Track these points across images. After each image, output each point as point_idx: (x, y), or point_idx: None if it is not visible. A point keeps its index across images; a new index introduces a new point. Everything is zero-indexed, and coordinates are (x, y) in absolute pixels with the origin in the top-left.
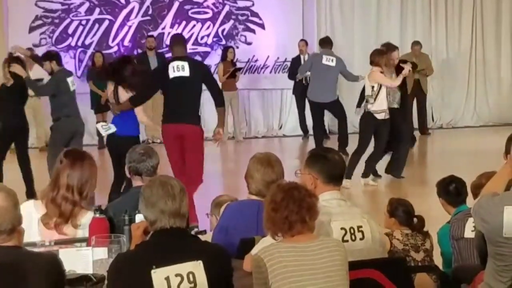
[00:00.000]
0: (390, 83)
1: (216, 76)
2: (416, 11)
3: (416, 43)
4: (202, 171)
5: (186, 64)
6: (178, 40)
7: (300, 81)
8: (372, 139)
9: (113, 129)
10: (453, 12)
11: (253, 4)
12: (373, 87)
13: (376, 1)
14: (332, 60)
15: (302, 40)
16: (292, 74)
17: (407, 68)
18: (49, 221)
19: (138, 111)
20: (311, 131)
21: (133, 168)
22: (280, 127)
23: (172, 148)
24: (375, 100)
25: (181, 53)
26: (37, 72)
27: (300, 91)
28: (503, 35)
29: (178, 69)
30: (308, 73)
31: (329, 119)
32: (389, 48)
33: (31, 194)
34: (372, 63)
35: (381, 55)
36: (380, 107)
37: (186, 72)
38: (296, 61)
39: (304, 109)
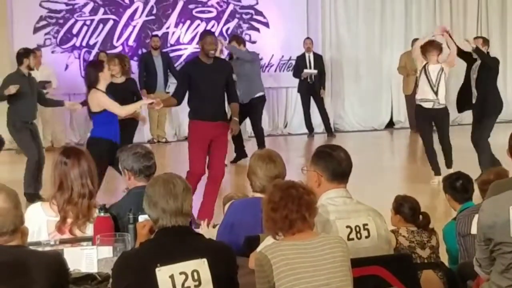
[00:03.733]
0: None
1: None
2: (421, 8)
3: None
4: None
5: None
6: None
7: (305, 79)
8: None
9: None
10: (458, 12)
11: (257, 3)
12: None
13: None
14: None
15: (307, 38)
16: (297, 72)
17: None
18: (63, 226)
19: (114, 107)
20: (316, 129)
21: (144, 168)
22: (286, 125)
23: (200, 144)
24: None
25: None
26: (44, 72)
27: (305, 89)
28: (508, 32)
29: None
30: (314, 71)
31: (334, 117)
32: None
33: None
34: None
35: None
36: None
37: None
38: (301, 59)
39: (309, 107)
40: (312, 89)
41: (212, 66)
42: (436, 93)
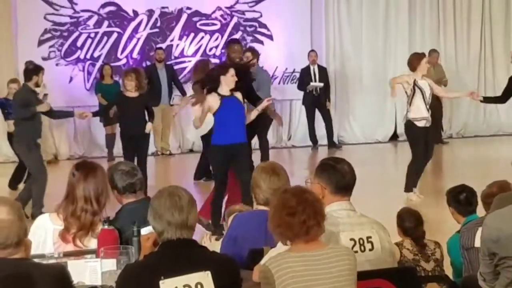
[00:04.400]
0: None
1: None
2: (424, 19)
3: (434, 51)
4: None
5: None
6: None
7: (310, 92)
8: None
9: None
10: (462, 26)
11: (261, 15)
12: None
13: (384, 11)
14: None
15: (312, 50)
16: (301, 85)
17: None
18: (67, 234)
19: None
20: (320, 141)
21: (128, 186)
22: (289, 138)
23: None
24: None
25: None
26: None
27: (310, 102)
28: None
29: None
30: (320, 84)
31: (339, 129)
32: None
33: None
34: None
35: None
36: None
37: None
38: (305, 71)
39: (314, 119)
40: (317, 101)
41: None
42: (428, 110)
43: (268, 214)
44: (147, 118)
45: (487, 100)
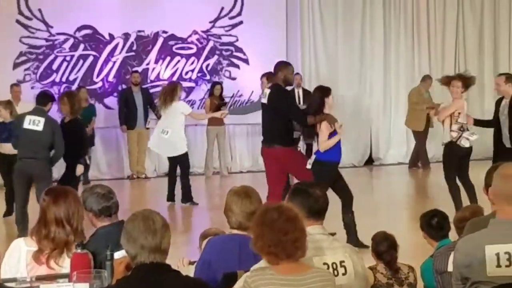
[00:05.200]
0: None
1: (202, 111)
2: (399, 44)
3: (428, 77)
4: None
5: (268, 92)
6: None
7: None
8: None
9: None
10: (435, 45)
11: (237, 40)
12: None
13: (359, 33)
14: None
15: (297, 73)
16: None
17: None
18: (41, 255)
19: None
20: None
21: (104, 208)
22: None
23: None
24: None
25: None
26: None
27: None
28: (486, 52)
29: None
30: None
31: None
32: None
33: None
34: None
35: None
36: None
37: (265, 100)
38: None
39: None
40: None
41: None
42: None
43: (254, 233)
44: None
45: (478, 123)
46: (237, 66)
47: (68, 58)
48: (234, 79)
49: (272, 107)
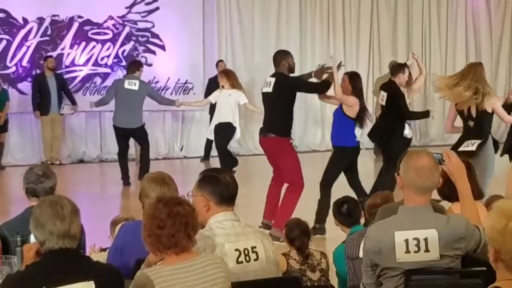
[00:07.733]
0: None
1: None
2: (315, 35)
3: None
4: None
5: (273, 80)
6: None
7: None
8: None
9: None
10: (351, 36)
11: (153, 26)
12: None
13: (275, 25)
14: (134, 84)
15: (220, 60)
16: (208, 94)
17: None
18: None
19: None
20: (213, 153)
21: (30, 189)
22: (181, 149)
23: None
24: None
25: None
26: None
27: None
28: (399, 45)
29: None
30: None
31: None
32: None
33: None
34: None
35: None
36: None
37: (270, 88)
38: (213, 81)
39: None
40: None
41: None
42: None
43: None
44: None
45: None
46: (153, 52)
47: None
48: (150, 65)
49: (281, 94)
